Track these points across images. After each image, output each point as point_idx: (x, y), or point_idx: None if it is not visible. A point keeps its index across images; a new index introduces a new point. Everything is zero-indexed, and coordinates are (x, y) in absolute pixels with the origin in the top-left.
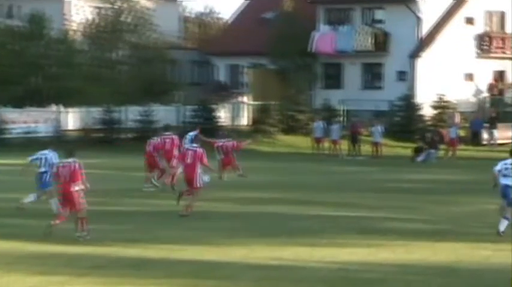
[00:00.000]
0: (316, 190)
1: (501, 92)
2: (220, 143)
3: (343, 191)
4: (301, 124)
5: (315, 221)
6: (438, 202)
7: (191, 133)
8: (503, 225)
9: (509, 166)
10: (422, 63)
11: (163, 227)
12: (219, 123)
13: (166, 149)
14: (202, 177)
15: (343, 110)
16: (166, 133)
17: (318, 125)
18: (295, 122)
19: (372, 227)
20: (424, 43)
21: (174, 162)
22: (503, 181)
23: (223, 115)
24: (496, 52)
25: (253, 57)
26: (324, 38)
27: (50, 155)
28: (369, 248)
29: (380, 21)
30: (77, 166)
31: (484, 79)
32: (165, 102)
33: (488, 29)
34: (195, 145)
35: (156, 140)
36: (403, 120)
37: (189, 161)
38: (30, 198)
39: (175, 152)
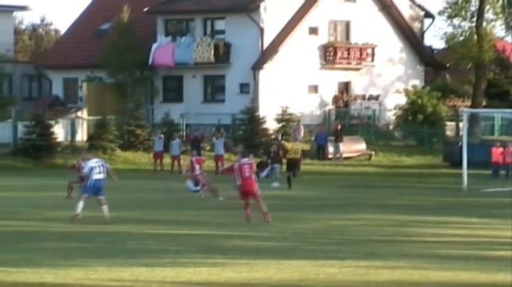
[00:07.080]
0: (157, 208)
1: (346, 104)
2: None
3: (184, 209)
4: (140, 140)
5: (156, 240)
6: (283, 218)
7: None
8: None
9: None
10: (265, 75)
11: None
12: (55, 140)
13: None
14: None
15: (184, 124)
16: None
17: (158, 140)
18: (135, 137)
19: (214, 245)
20: (266, 54)
21: None
22: None
23: (59, 131)
24: (340, 63)
25: (90, 71)
26: (163, 50)
27: None
28: (212, 267)
29: (221, 32)
30: None
31: (328, 91)
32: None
33: (332, 39)
34: (246, 159)
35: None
36: (246, 134)
37: (247, 174)
38: None
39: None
